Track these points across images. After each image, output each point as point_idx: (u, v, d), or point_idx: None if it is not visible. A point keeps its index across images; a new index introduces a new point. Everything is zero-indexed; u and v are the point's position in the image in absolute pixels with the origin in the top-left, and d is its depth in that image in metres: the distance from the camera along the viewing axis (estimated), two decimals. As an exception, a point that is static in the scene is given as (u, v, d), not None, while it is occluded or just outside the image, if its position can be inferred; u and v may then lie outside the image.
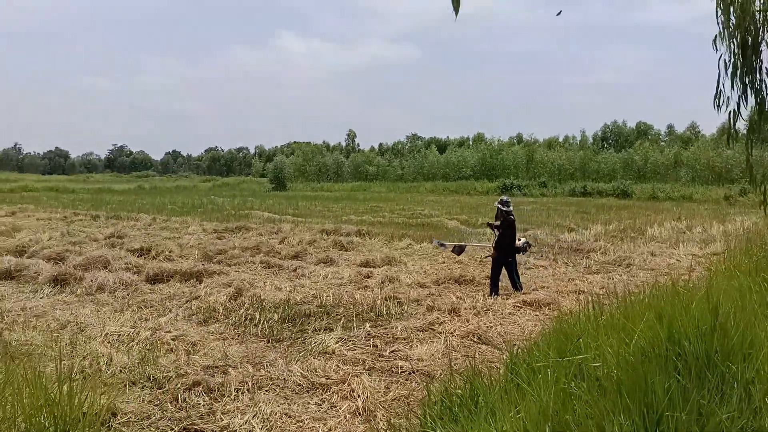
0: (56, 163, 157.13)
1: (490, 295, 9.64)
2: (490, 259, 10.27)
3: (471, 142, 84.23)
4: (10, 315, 7.98)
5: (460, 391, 3.61)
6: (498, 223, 9.96)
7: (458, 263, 13.07)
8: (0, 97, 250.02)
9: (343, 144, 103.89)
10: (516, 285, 9.99)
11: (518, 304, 9.07)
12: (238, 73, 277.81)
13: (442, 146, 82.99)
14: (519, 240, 10.40)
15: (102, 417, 4.39)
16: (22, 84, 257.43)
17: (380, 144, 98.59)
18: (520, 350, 4.72)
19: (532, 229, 19.49)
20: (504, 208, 9.81)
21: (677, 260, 13.23)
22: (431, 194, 50.38)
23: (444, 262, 13.19)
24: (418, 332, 7.60)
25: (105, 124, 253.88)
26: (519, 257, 13.28)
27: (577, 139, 79.23)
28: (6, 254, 12.49)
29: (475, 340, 7.36)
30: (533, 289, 10.19)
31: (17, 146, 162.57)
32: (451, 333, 7.56)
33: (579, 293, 9.75)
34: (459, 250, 11.90)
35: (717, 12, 6.43)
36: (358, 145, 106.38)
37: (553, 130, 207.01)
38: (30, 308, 8.43)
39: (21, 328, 7.33)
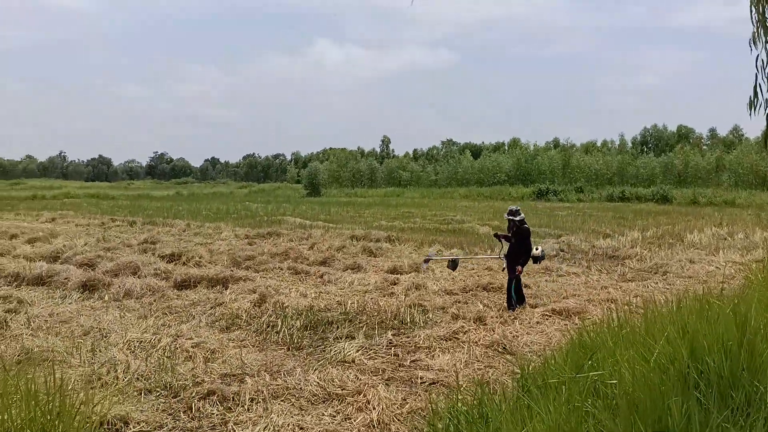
0: (99, 170, 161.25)
1: (518, 305, 9.17)
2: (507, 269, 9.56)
3: (507, 147, 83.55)
4: (36, 321, 8.09)
5: (466, 408, 3.45)
6: (510, 234, 9.37)
7: (488, 270, 12.83)
8: (46, 106, 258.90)
9: (378, 150, 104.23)
10: (513, 301, 9.18)
11: (546, 313, 8.83)
12: (276, 81, 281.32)
13: (476, 151, 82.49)
14: (536, 249, 9.79)
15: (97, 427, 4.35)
16: (67, 93, 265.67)
17: (415, 150, 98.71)
18: (534, 364, 4.52)
19: (566, 235, 19.08)
20: (516, 218, 9.16)
21: (716, 268, 12.74)
22: (465, 200, 49.97)
23: (473, 269, 12.98)
24: (442, 341, 7.44)
25: (146, 132, 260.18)
26: (550, 264, 13.02)
27: (615, 143, 77.94)
28: (40, 260, 12.75)
29: (500, 350, 7.16)
30: (563, 297, 9.91)
31: (62, 154, 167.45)
32: (476, 342, 7.38)
33: (611, 302, 9.43)
34: (453, 264, 10.74)
35: (751, 10, 6.12)
36: (393, 151, 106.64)
37: (591, 134, 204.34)
38: (57, 314, 8.53)
39: (45, 334, 7.41)
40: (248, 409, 5.17)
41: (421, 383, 6.00)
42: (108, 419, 4.76)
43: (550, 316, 8.69)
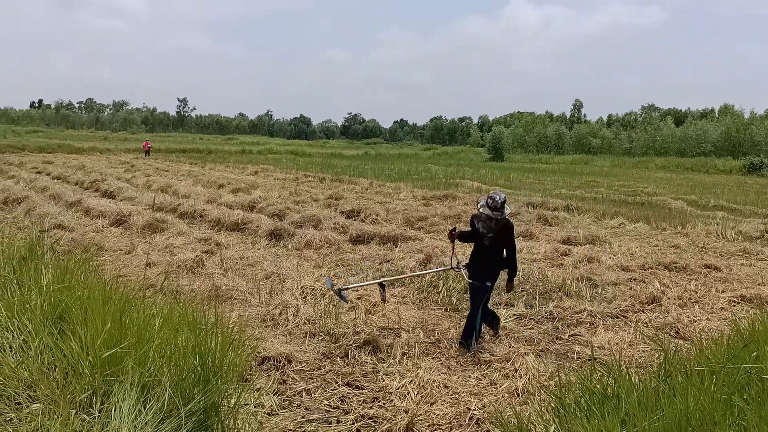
0: (300, 128, 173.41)
1: (466, 347, 5.81)
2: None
3: (716, 114, 75.20)
4: (229, 262, 9.10)
5: (599, 386, 3.29)
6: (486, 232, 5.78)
7: (674, 248, 11.85)
8: (258, 69, 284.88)
9: (568, 114, 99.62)
10: (476, 334, 5.90)
11: (734, 299, 7.99)
12: (469, 45, 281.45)
13: (680, 118, 75.40)
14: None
15: (244, 367, 4.82)
16: (276, 58, 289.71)
17: (609, 115, 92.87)
18: (683, 350, 4.14)
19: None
20: (503, 214, 5.67)
21: None
22: (661, 171, 46.14)
23: (657, 245, 12.06)
24: (607, 318, 7.11)
25: (343, 94, 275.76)
26: (749, 246, 11.60)
27: None
28: (239, 209, 14.20)
29: (672, 333, 6.65)
30: (758, 284, 8.86)
31: (269, 113, 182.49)
32: (646, 323, 6.93)
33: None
34: (382, 295, 6.23)
35: None
36: (585, 116, 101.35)
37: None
38: (246, 257, 9.52)
39: (233, 274, 8.33)
40: (399, 362, 5.40)
41: (576, 358, 5.81)
42: (274, 355, 5.27)
43: (738, 303, 7.85)
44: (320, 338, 6.00)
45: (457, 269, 6.26)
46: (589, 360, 5.70)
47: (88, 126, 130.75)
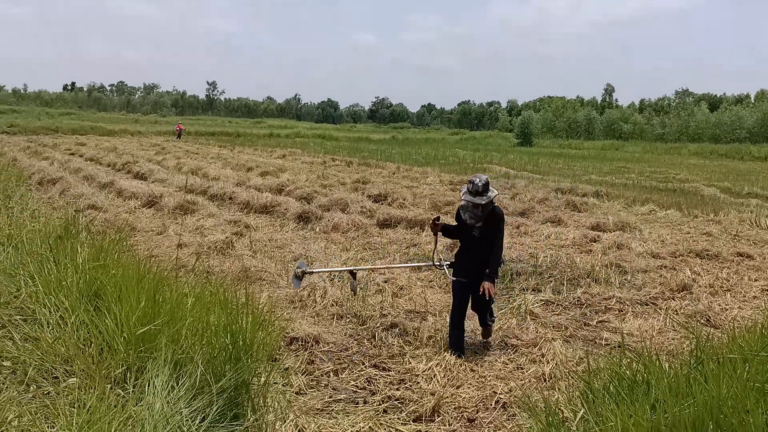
0: (327, 112, 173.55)
1: (456, 353, 5.15)
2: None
3: (752, 100, 73.28)
4: (258, 244, 9.21)
5: (629, 372, 3.27)
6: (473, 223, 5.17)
7: (706, 235, 11.63)
8: (286, 53, 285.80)
9: (599, 99, 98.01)
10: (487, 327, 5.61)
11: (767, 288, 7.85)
12: (499, 28, 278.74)
13: (715, 104, 73.61)
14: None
15: (278, 346, 4.88)
16: (304, 41, 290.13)
17: (642, 100, 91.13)
18: (714, 338, 4.08)
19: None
20: (485, 200, 5.00)
21: None
22: (694, 157, 45.19)
23: (688, 233, 11.86)
24: (636, 305, 7.04)
25: (370, 78, 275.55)
26: None
27: None
28: (267, 191, 14.33)
29: (703, 321, 6.57)
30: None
31: (297, 96, 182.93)
32: (675, 311, 6.85)
33: None
34: (352, 284, 5.95)
35: None
36: (616, 100, 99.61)
37: None
38: (274, 240, 9.62)
39: (262, 256, 8.43)
40: (425, 345, 5.43)
41: (605, 345, 5.78)
42: (302, 336, 5.34)
43: (772, 293, 7.70)
44: (347, 320, 6.06)
45: (439, 267, 5.66)
46: (617, 346, 5.67)
47: (119, 109, 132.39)
